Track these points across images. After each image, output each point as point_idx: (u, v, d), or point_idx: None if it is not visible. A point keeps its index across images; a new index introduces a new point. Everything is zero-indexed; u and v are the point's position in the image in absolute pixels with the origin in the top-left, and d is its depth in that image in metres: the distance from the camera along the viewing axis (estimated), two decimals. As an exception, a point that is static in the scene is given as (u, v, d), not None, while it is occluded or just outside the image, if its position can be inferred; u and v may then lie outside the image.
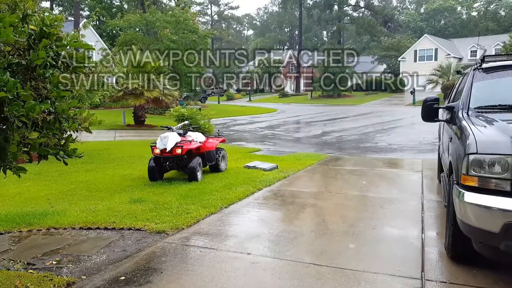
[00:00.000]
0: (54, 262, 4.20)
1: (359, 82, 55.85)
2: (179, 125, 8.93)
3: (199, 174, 7.92)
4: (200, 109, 18.97)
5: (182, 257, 4.29)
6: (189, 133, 8.47)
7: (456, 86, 6.50)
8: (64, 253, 4.45)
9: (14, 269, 4.00)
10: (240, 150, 12.92)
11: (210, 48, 45.86)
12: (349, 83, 53.75)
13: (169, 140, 7.56)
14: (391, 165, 9.68)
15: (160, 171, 8.11)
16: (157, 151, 7.71)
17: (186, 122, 9.98)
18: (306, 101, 50.08)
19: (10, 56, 2.69)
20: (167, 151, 7.59)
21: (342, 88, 50.56)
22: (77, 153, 3.20)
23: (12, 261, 4.22)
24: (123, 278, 3.78)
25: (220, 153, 8.91)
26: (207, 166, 8.73)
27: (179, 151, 7.64)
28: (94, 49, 3.49)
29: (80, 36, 7.82)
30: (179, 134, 8.08)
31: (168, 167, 8.01)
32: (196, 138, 8.37)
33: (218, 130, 13.10)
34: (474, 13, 72.77)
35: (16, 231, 5.18)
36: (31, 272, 3.91)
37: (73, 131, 3.21)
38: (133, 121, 20.81)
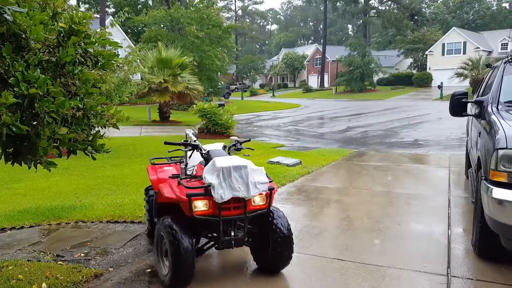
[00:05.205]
0: (82, 254, 4.32)
1: (385, 76, 55.00)
2: (191, 133, 4.38)
3: None
4: (223, 104, 19.09)
5: (206, 252, 4.34)
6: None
7: (486, 80, 6.34)
8: (92, 245, 4.57)
9: (45, 261, 4.14)
10: (263, 145, 12.94)
11: (234, 42, 45.90)
12: (375, 78, 53.04)
13: (249, 176, 3.34)
14: (417, 161, 9.52)
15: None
16: (199, 207, 3.30)
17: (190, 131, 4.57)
18: (330, 96, 49.64)
19: (41, 53, 2.77)
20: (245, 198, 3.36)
21: (367, 83, 49.97)
22: (105, 149, 3.27)
23: (42, 253, 4.36)
24: (149, 270, 3.86)
25: None
26: None
27: (260, 201, 3.48)
28: (121, 46, 3.56)
29: (107, 34, 7.98)
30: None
31: (234, 242, 3.48)
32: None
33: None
34: (505, 4, 70.41)
35: (45, 224, 5.34)
36: (60, 264, 4.03)
37: (101, 127, 3.29)
38: (158, 117, 21.09)
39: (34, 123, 2.59)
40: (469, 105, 5.12)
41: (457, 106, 4.96)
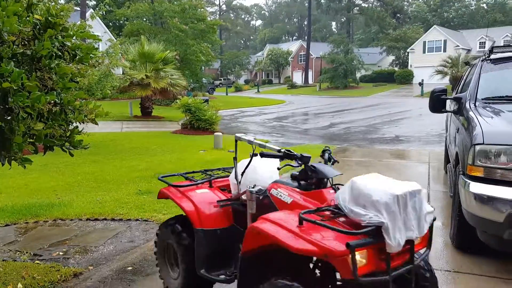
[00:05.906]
0: (61, 253, 4.24)
1: (368, 73, 55.51)
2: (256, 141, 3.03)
3: None
4: (207, 100, 18.97)
5: None
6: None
7: (464, 77, 6.43)
8: (71, 244, 4.50)
9: (21, 260, 4.04)
10: (247, 141, 12.90)
11: (218, 38, 45.61)
12: (358, 75, 53.45)
13: (422, 205, 2.20)
14: (398, 156, 9.63)
15: None
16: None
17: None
18: (314, 92, 49.79)
19: (15, 46, 2.69)
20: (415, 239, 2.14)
21: (350, 80, 50.34)
22: (83, 145, 3.21)
23: (18, 252, 4.26)
24: (130, 268, 3.82)
25: None
26: None
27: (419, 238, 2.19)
28: (100, 40, 3.49)
29: (87, 27, 7.81)
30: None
31: None
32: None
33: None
34: (483, 4, 71.64)
35: (22, 223, 5.22)
36: (37, 263, 3.94)
37: (79, 123, 3.22)
38: (140, 113, 20.82)
39: (8, 118, 2.52)
40: (448, 101, 5.18)
41: (437, 102, 5.01)
